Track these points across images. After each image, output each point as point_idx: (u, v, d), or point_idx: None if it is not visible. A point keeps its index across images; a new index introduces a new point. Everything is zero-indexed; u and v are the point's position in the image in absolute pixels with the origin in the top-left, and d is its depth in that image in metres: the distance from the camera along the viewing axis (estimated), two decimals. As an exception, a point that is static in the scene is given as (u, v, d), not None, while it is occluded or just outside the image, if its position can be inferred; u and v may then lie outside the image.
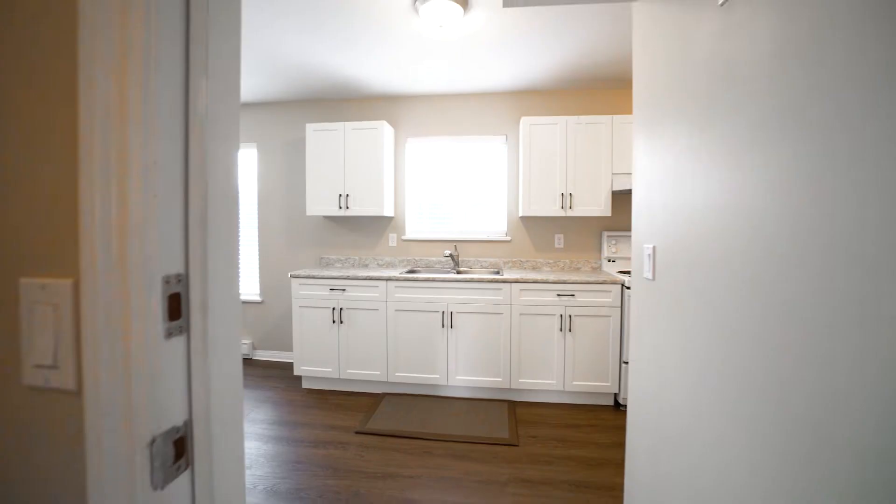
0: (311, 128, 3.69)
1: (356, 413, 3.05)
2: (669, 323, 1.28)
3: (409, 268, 3.88)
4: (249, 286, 4.31)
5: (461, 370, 3.25)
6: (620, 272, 3.39)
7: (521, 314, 3.16)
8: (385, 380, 3.33)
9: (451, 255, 3.71)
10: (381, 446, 2.59)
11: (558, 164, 3.42)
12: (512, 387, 3.19)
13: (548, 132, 3.43)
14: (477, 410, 3.06)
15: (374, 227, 4.03)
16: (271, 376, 3.78)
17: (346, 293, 3.36)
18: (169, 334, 0.50)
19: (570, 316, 3.11)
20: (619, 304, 3.04)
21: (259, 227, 4.21)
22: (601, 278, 3.10)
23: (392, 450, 2.55)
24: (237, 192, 0.61)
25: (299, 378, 3.64)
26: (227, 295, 0.58)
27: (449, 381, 3.26)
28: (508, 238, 3.83)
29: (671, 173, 1.29)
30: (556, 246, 3.79)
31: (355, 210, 3.67)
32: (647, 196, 1.51)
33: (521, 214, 3.58)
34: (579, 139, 3.39)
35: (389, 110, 3.96)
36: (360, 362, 3.37)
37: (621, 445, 2.56)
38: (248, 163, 4.26)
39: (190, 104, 0.52)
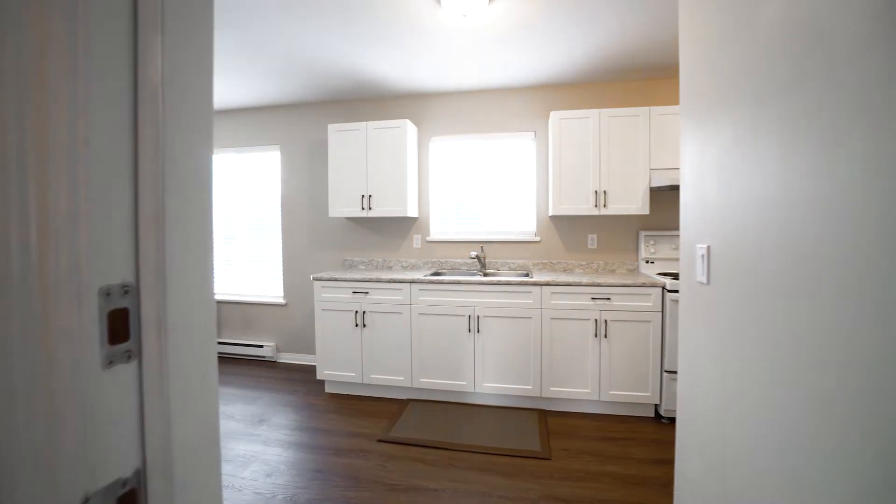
0: (332, 128, 3.63)
1: (379, 420, 2.95)
2: (731, 333, 1.10)
3: (433, 270, 3.76)
4: (273, 288, 4.30)
5: (489, 377, 3.10)
6: (660, 274, 3.17)
7: (552, 318, 2.99)
8: (409, 385, 3.22)
9: (477, 257, 3.57)
10: (405, 456, 2.48)
11: (591, 159, 3.23)
12: (543, 395, 3.02)
13: (579, 126, 3.24)
14: (506, 420, 2.91)
15: (398, 228, 3.93)
16: (294, 380, 3.74)
17: (368, 296, 3.27)
18: (110, 362, 0.39)
19: (605, 321, 2.91)
20: (660, 309, 2.82)
21: (283, 230, 4.19)
22: (639, 281, 2.90)
23: (416, 460, 2.43)
24: (209, 182, 0.49)
25: (322, 382, 3.58)
26: (197, 308, 0.47)
27: (476, 388, 3.12)
28: (538, 238, 3.66)
29: (729, 162, 1.11)
30: (589, 246, 3.59)
31: (378, 211, 3.58)
32: (698, 190, 1.33)
33: (551, 214, 3.40)
34: (613, 133, 3.19)
35: (412, 108, 3.86)
36: (383, 367, 3.27)
37: (664, 463, 2.35)
38: (272, 165, 4.25)
39: (139, 67, 0.40)
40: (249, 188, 4.34)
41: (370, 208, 3.59)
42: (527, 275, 3.48)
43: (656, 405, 2.92)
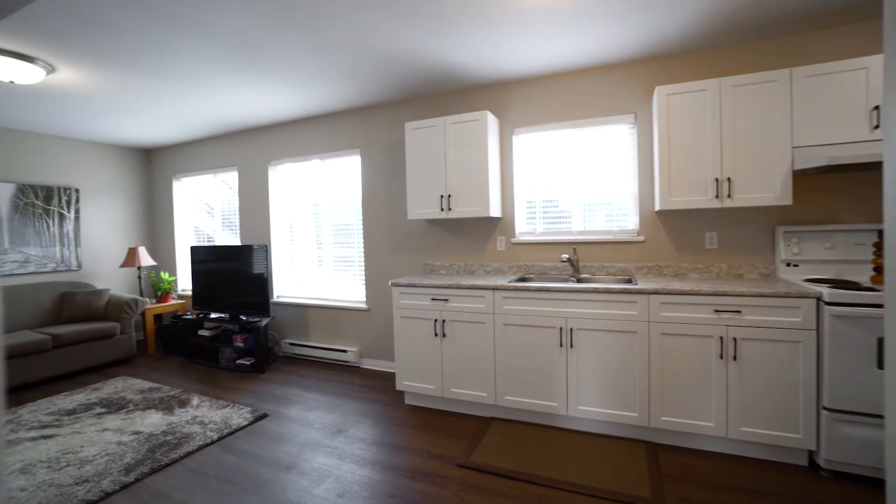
0: (409, 126, 3.47)
1: (459, 440, 2.69)
2: None
3: (519, 275, 3.42)
4: (357, 293, 4.29)
5: (584, 399, 2.68)
6: (809, 281, 2.48)
7: (662, 334, 2.48)
8: (493, 403, 2.92)
9: (569, 260, 3.15)
10: (485, 487, 2.18)
11: (709, 141, 2.65)
12: (651, 425, 2.52)
13: (693, 102, 2.68)
14: (605, 451, 2.47)
15: (480, 229, 3.66)
16: (375, 387, 3.64)
17: (448, 303, 3.04)
18: None
19: (734, 339, 2.34)
20: (814, 326, 2.18)
21: (364, 234, 4.15)
22: (781, 289, 2.27)
23: (498, 494, 2.12)
24: None
25: (402, 392, 3.43)
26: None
27: (569, 410, 2.72)
28: (641, 238, 3.13)
29: None
30: (707, 246, 2.97)
31: (458, 212, 3.34)
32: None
33: (657, 208, 2.87)
34: (739, 106, 2.58)
35: (492, 98, 3.56)
36: (464, 381, 3.01)
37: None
38: (353, 169, 4.25)
39: None
40: (334, 193, 4.39)
41: (449, 209, 3.36)
42: (629, 281, 2.98)
43: (811, 451, 2.26)
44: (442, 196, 3.38)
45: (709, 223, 2.97)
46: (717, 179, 2.64)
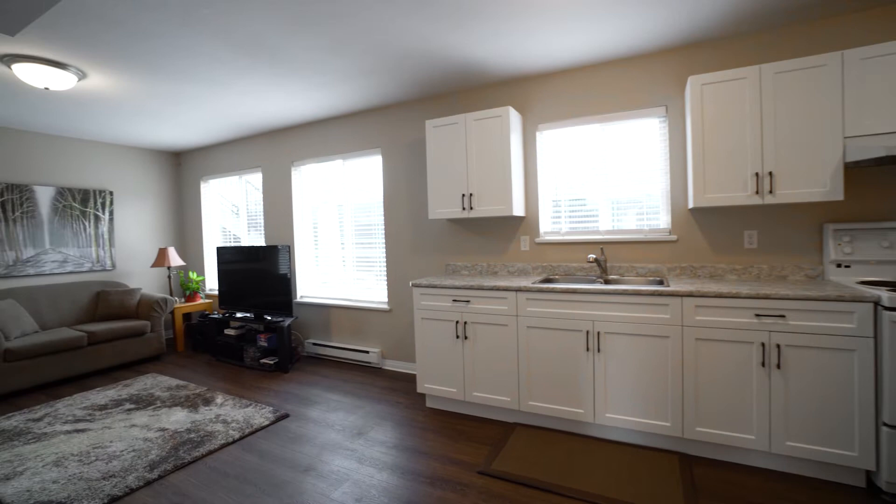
0: (430, 124, 3.40)
1: (481, 445, 2.60)
2: None
3: (544, 276, 3.30)
4: (379, 294, 4.26)
5: (612, 406, 2.55)
6: (864, 283, 2.27)
7: (697, 339, 2.33)
8: (516, 408, 2.82)
9: (596, 261, 3.02)
10: (507, 496, 2.09)
11: (748, 132, 2.47)
12: (686, 436, 2.37)
13: (730, 91, 2.51)
14: (635, 462, 2.34)
15: (503, 229, 3.55)
16: (397, 389, 3.59)
17: (470, 305, 2.95)
18: None
19: (777, 345, 2.16)
20: (872, 334, 1.98)
21: (386, 234, 4.12)
22: (831, 293, 2.08)
23: (521, 505, 2.03)
24: None
25: (423, 395, 3.36)
26: None
27: (596, 418, 2.59)
28: (674, 237, 2.96)
29: None
30: (747, 246, 2.78)
31: (480, 211, 3.25)
32: None
33: (691, 206, 2.71)
34: (782, 94, 2.40)
35: (514, 94, 3.45)
36: (487, 385, 2.92)
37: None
38: (374, 169, 4.22)
39: None
40: (356, 194, 4.38)
41: (471, 208, 3.28)
42: (661, 282, 2.82)
43: (869, 472, 2.06)
44: (463, 195, 3.30)
45: (748, 221, 2.78)
46: (757, 174, 2.46)
